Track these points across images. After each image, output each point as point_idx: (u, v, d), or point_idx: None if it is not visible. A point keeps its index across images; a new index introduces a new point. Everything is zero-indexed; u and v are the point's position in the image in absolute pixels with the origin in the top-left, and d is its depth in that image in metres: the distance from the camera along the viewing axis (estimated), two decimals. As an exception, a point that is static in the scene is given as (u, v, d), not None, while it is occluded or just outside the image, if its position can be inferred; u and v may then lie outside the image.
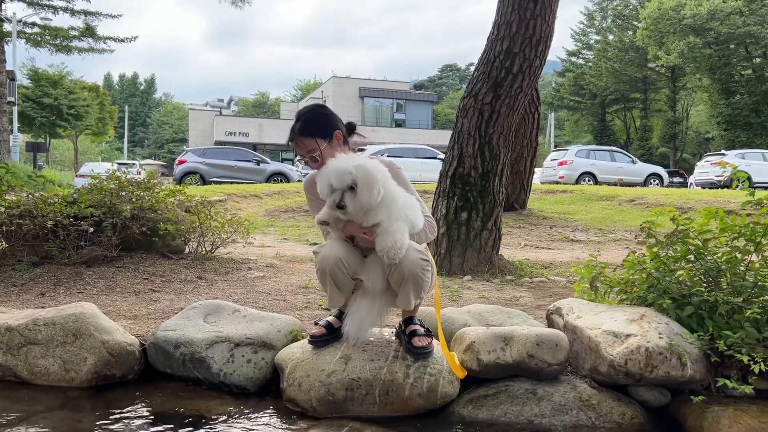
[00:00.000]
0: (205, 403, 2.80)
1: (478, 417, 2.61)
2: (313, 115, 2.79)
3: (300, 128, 2.74)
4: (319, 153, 2.72)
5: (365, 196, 2.45)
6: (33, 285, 4.06)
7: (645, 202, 11.33)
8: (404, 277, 2.56)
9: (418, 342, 2.69)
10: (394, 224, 2.52)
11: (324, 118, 2.79)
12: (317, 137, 2.73)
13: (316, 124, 2.75)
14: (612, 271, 3.34)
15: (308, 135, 2.73)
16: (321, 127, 2.75)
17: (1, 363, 2.97)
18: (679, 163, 42.07)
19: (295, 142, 2.78)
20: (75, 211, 4.29)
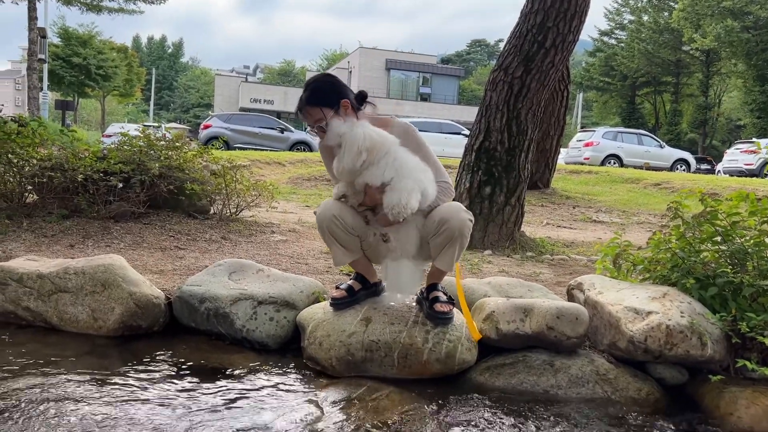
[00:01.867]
0: (228, 356, 2.86)
1: (495, 384, 2.64)
2: (320, 85, 2.75)
3: (307, 98, 2.72)
4: (326, 123, 2.68)
5: (346, 158, 2.54)
6: (62, 236, 4.15)
7: (671, 187, 11.19)
8: (454, 236, 2.63)
9: (439, 307, 2.73)
10: (401, 182, 2.55)
11: (330, 87, 2.75)
12: (323, 107, 2.70)
13: (323, 93, 2.72)
14: (636, 250, 3.32)
15: (314, 104, 2.70)
16: (327, 97, 2.71)
17: (32, 308, 3.06)
18: (707, 150, 41.31)
19: (302, 112, 2.76)
20: (105, 166, 4.36)
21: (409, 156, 2.63)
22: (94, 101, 46.51)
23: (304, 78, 61.32)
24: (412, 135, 2.77)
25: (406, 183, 2.55)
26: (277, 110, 42.38)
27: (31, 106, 22.74)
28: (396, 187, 2.54)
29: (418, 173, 2.61)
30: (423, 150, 2.74)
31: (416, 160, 2.65)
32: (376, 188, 2.60)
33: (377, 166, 2.57)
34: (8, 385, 2.35)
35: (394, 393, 2.50)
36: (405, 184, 2.55)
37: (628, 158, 21.42)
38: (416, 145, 2.73)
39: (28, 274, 3.10)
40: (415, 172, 2.60)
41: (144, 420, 2.15)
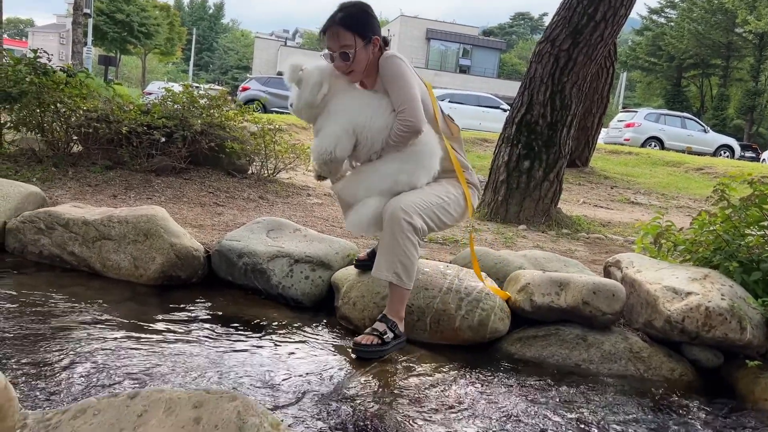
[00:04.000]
0: (264, 311, 2.92)
1: (525, 355, 2.65)
2: (359, 11, 2.50)
3: (341, 18, 2.45)
4: (354, 51, 2.44)
5: (304, 93, 2.45)
6: (106, 186, 4.24)
7: (713, 172, 10.93)
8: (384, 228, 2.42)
9: (359, 338, 2.44)
10: (327, 127, 2.45)
11: (369, 18, 2.51)
12: (357, 34, 2.45)
13: (360, 20, 2.48)
14: (678, 230, 3.27)
15: (348, 28, 2.44)
16: (364, 25, 2.47)
17: (77, 254, 3.16)
18: (753, 138, 40.11)
19: (329, 33, 2.47)
20: (148, 120, 4.42)
21: (353, 96, 2.50)
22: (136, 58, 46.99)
23: (343, 44, 60.87)
24: (387, 67, 2.46)
25: (329, 129, 2.44)
26: (315, 76, 42.25)
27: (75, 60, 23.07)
28: (319, 134, 2.47)
29: (352, 114, 2.45)
30: (395, 82, 2.44)
31: (360, 99, 2.49)
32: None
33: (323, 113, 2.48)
34: (54, 323, 2.44)
35: (425, 356, 2.53)
36: (328, 130, 2.44)
37: (669, 141, 20.93)
38: (389, 76, 2.45)
39: (74, 220, 3.19)
40: (348, 113, 2.45)
41: (180, 361, 2.21)
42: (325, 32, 2.49)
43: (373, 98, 2.50)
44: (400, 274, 2.41)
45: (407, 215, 2.38)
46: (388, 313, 2.50)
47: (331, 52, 2.48)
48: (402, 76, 2.44)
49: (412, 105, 2.40)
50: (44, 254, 3.22)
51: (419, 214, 2.42)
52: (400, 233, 2.38)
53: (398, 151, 2.47)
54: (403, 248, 2.39)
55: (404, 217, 2.38)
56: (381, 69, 2.47)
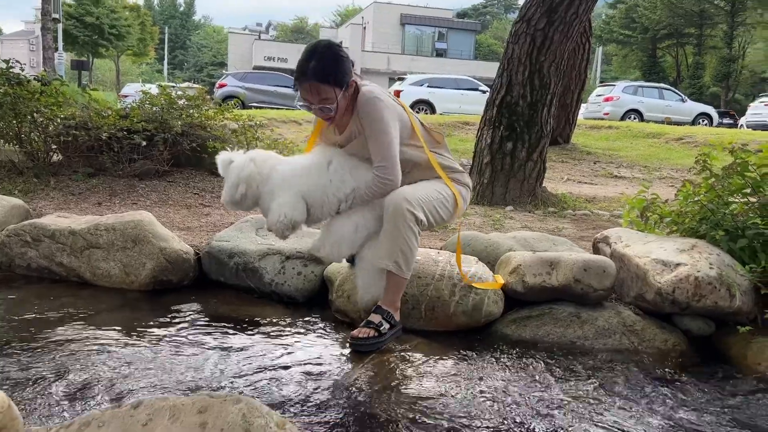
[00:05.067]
0: (258, 309, 2.92)
1: (521, 336, 2.68)
2: (331, 59, 2.36)
3: (316, 72, 2.33)
4: (335, 104, 2.38)
5: (226, 190, 2.50)
6: (89, 194, 4.20)
7: (693, 141, 11.03)
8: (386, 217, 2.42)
9: (354, 332, 2.46)
10: (275, 201, 2.45)
11: (343, 63, 2.38)
12: (336, 86, 2.36)
13: (335, 69, 2.35)
14: (663, 202, 3.30)
15: (326, 82, 2.34)
16: (340, 73, 2.36)
17: (66, 264, 3.13)
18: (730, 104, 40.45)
19: (305, 87, 2.37)
20: (128, 125, 4.37)
21: (297, 163, 2.52)
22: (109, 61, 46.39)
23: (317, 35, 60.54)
24: (366, 112, 2.42)
25: (280, 199, 2.45)
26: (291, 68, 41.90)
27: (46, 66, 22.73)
28: (271, 209, 2.47)
29: (301, 179, 2.46)
30: (373, 129, 2.40)
31: (307, 163, 2.50)
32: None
33: (263, 196, 2.49)
34: (49, 335, 2.42)
35: (422, 344, 2.55)
36: (279, 201, 2.45)
37: (648, 113, 21.08)
38: (368, 122, 2.41)
39: (61, 231, 3.16)
40: (293, 181, 2.46)
41: (179, 366, 2.21)
42: (299, 82, 2.40)
43: (306, 164, 2.52)
44: (400, 263, 2.43)
45: (411, 206, 2.40)
46: (383, 304, 2.51)
47: (309, 104, 2.43)
48: (381, 121, 2.39)
49: (391, 162, 2.41)
50: (32, 267, 3.19)
51: (421, 206, 2.44)
52: (403, 223, 2.39)
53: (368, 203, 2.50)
54: (405, 237, 2.41)
55: (408, 207, 2.39)
56: (360, 110, 2.43)
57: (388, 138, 2.40)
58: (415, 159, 2.57)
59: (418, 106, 21.08)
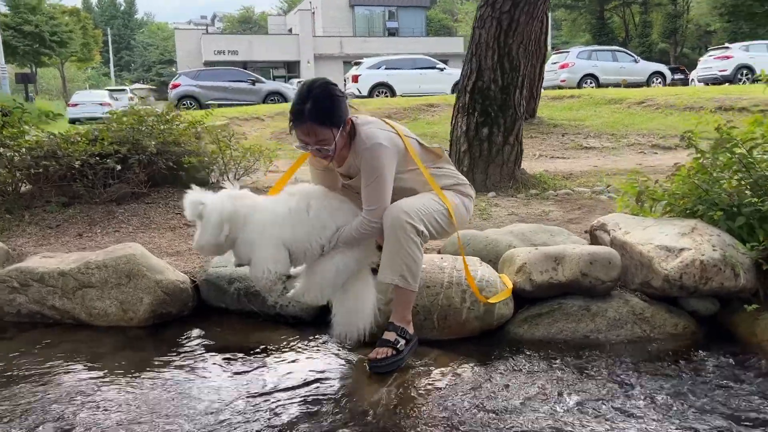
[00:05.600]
0: (266, 333, 2.87)
1: (535, 336, 2.68)
2: (328, 99, 2.33)
3: (313, 115, 2.30)
4: (334, 145, 2.35)
5: (207, 232, 2.34)
6: (68, 226, 4.06)
7: (654, 104, 11.19)
8: (386, 232, 2.41)
9: (371, 353, 2.44)
10: (255, 254, 2.39)
11: (339, 103, 2.36)
12: (333, 127, 2.33)
13: (332, 110, 2.33)
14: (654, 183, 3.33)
15: (323, 124, 2.31)
16: (336, 114, 2.33)
17: (59, 307, 3.02)
18: (679, 59, 41.20)
19: (301, 129, 2.35)
20: (99, 149, 4.22)
21: (276, 210, 2.43)
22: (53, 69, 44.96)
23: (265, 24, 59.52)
24: (366, 159, 2.39)
25: (261, 253, 2.39)
26: (242, 60, 41.34)
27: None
28: (253, 262, 2.41)
29: (282, 228, 2.41)
30: (371, 176, 2.39)
31: (286, 210, 2.43)
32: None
33: (240, 243, 2.40)
34: (55, 385, 2.34)
35: (440, 355, 2.53)
36: (261, 254, 2.39)
37: (604, 77, 21.35)
38: (368, 168, 2.39)
39: (49, 273, 3.04)
40: (273, 231, 2.40)
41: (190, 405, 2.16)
42: (296, 124, 2.37)
43: (285, 208, 2.45)
44: (407, 277, 2.40)
45: (410, 218, 2.38)
46: (395, 320, 2.48)
47: (305, 144, 2.39)
48: (380, 169, 2.38)
49: (382, 206, 2.41)
50: (23, 312, 3.07)
51: (420, 218, 2.41)
52: (404, 236, 2.37)
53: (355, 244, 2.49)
54: (408, 250, 2.38)
55: (407, 219, 2.37)
56: (361, 155, 2.40)
57: (384, 185, 2.40)
58: (414, 184, 2.56)
59: (377, 90, 21.00)
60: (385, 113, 12.20)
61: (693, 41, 46.41)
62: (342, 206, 2.52)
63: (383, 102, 13.48)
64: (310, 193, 2.53)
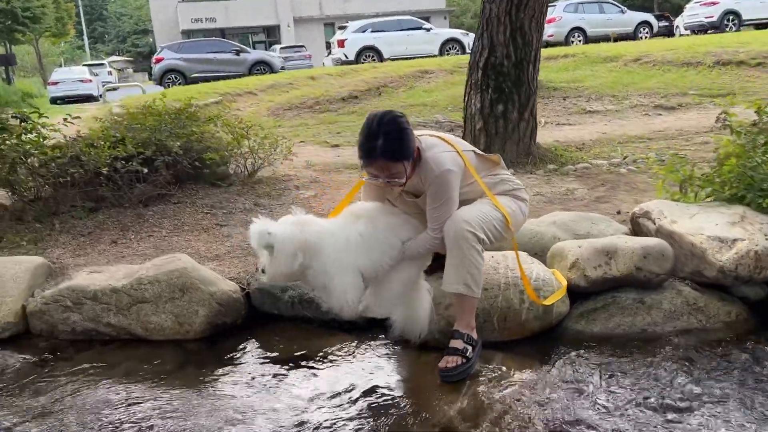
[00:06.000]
0: (322, 340, 2.91)
1: (594, 331, 2.74)
2: (399, 134, 2.37)
3: (385, 151, 2.35)
4: (405, 176, 2.42)
5: (280, 261, 2.35)
6: (100, 233, 4.04)
7: (651, 60, 11.14)
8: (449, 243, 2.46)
9: (441, 362, 2.48)
10: (332, 283, 2.42)
11: (408, 136, 2.40)
12: (404, 160, 2.39)
13: (403, 145, 2.38)
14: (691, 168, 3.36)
15: (396, 160, 2.37)
16: (407, 147, 2.39)
17: (114, 324, 3.04)
18: (662, 5, 40.87)
19: (374, 166, 2.40)
20: (122, 152, 4.17)
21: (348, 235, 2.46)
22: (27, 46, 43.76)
23: (241, -13, 58.04)
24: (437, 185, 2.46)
25: (339, 282, 2.41)
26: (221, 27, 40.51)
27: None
28: (331, 290, 2.43)
29: (356, 254, 2.44)
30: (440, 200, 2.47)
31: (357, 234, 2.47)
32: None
33: (312, 272, 2.42)
34: (133, 410, 2.37)
35: (506, 358, 2.60)
36: (338, 283, 2.41)
37: (591, 29, 21.21)
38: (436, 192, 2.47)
39: (102, 290, 3.05)
40: (348, 258, 2.43)
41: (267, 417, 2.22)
42: (368, 162, 2.41)
43: (356, 234, 2.48)
44: (470, 285, 2.46)
45: (471, 227, 2.44)
46: (461, 327, 2.53)
47: (376, 177, 2.46)
48: (448, 194, 2.46)
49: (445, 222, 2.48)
50: (77, 330, 3.09)
51: (480, 226, 2.46)
52: (466, 245, 2.43)
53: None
54: (471, 259, 2.44)
55: (468, 229, 2.43)
56: (430, 180, 2.45)
57: (450, 207, 2.48)
58: (473, 195, 2.62)
59: (365, 53, 20.73)
60: (380, 82, 12.09)
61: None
62: (404, 223, 2.60)
63: (376, 70, 13.30)
64: (374, 213, 2.57)
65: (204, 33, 38.85)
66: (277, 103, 11.66)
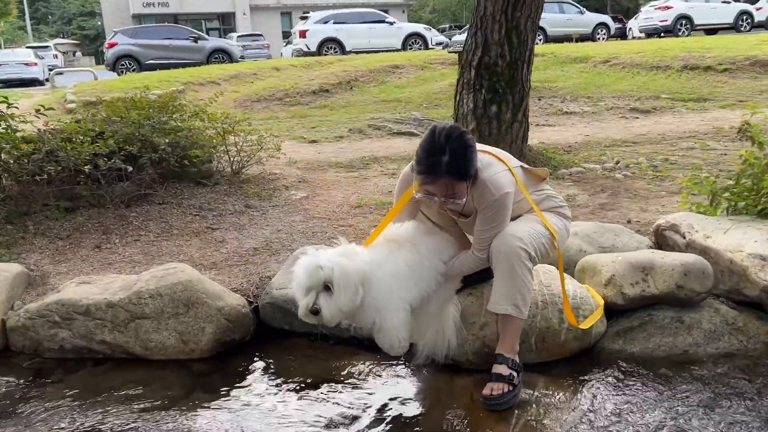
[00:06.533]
0: (342, 361, 2.70)
1: (633, 351, 2.62)
2: (464, 150, 2.18)
3: (451, 169, 2.16)
4: (465, 197, 2.25)
5: (343, 298, 2.15)
6: (80, 236, 3.71)
7: (620, 62, 11.25)
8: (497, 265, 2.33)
9: (485, 390, 2.31)
10: (385, 321, 2.25)
11: (473, 154, 2.22)
12: (468, 180, 2.22)
13: (467, 161, 2.19)
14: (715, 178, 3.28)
15: (461, 179, 2.19)
16: (471, 165, 2.21)
17: (109, 341, 2.75)
18: (614, 7, 41.77)
19: (436, 183, 2.20)
20: (103, 148, 3.83)
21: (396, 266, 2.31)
22: (-36, 25, 41.52)
23: (193, -28, 56.37)
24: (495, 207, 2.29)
25: (391, 320, 2.26)
26: (173, 13, 39.40)
27: None
28: (383, 328, 2.27)
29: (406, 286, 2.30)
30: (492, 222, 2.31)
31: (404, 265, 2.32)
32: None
33: (365, 307, 2.24)
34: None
35: (547, 382, 2.44)
36: (391, 322, 2.26)
37: (551, 29, 21.44)
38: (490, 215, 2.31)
39: (96, 305, 2.76)
40: (399, 292, 2.28)
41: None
42: (429, 177, 2.19)
43: (403, 265, 2.33)
44: (519, 305, 2.32)
45: (523, 243, 2.29)
46: (505, 351, 2.37)
47: (432, 195, 2.24)
48: (504, 218, 2.32)
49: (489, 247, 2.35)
50: (66, 348, 2.79)
51: (532, 244, 2.31)
52: (518, 263, 2.29)
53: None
54: (522, 278, 2.30)
55: (520, 245, 2.29)
56: (488, 204, 2.28)
57: (502, 228, 2.33)
58: (520, 211, 2.47)
59: (327, 45, 20.37)
60: (351, 76, 11.85)
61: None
62: (446, 243, 2.48)
63: (344, 63, 13.03)
64: (416, 238, 2.40)
65: (156, 18, 37.67)
66: (244, 94, 11.28)
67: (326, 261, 2.17)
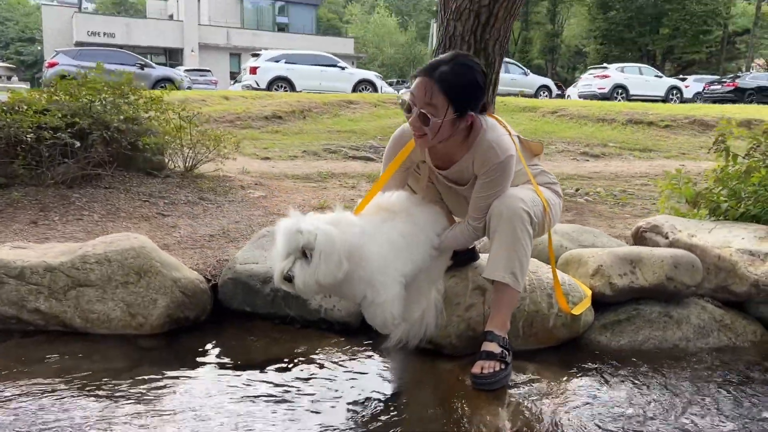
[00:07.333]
0: (312, 342, 2.44)
1: (620, 344, 2.48)
2: (467, 77, 2.01)
3: (443, 77, 1.98)
4: (438, 120, 2.00)
5: (324, 270, 1.91)
6: (15, 212, 3.34)
7: (567, 114, 11.60)
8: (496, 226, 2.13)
9: (474, 367, 2.10)
10: (378, 296, 2.04)
11: (474, 90, 2.03)
12: (452, 102, 1.99)
13: (464, 90, 2.01)
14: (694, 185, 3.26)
15: (445, 92, 1.98)
16: (466, 98, 2.01)
17: (44, 310, 2.40)
18: (553, 76, 43.83)
19: (420, 81, 2.01)
20: (50, 120, 3.52)
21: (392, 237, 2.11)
22: None
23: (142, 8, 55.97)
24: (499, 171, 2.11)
25: (385, 294, 2.05)
26: (119, 44, 38.65)
27: None
28: (375, 302, 2.05)
29: (402, 259, 2.11)
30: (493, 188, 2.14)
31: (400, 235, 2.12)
32: None
33: (350, 281, 2.02)
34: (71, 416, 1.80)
35: (540, 368, 2.26)
36: (384, 296, 2.05)
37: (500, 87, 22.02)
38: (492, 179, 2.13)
39: (32, 268, 2.42)
40: (395, 265, 2.09)
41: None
42: (418, 73, 2.04)
43: (397, 235, 2.13)
44: (517, 275, 2.14)
45: (526, 206, 2.14)
46: (496, 328, 2.18)
47: (411, 101, 2.04)
48: (506, 183, 2.15)
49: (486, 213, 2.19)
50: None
51: (532, 208, 2.16)
52: (520, 225, 2.12)
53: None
54: (522, 242, 2.14)
55: (523, 207, 2.13)
56: (491, 164, 2.09)
57: (502, 190, 2.17)
58: (517, 182, 2.29)
59: (277, 83, 20.29)
60: (304, 106, 11.72)
61: (564, 60, 49.54)
62: (438, 214, 2.33)
63: (297, 95, 12.95)
64: (410, 207, 2.22)
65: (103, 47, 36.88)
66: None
67: (308, 225, 1.93)
